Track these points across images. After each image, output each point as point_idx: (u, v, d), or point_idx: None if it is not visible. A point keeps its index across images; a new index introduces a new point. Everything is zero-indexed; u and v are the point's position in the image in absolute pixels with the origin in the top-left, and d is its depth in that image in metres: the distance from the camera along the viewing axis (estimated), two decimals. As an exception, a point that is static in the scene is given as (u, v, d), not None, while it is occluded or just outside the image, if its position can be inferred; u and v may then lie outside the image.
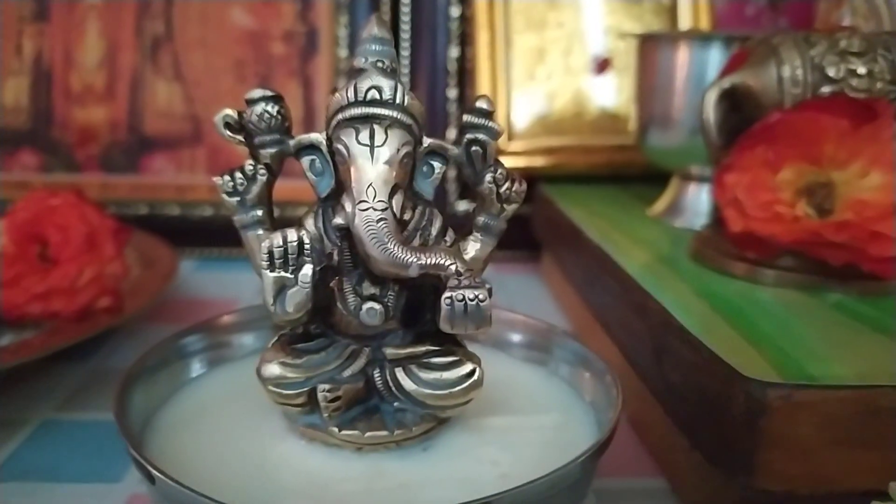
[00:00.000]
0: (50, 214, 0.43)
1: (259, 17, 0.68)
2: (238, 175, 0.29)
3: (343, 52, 0.67)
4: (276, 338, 0.30)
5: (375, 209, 0.27)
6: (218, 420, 0.30)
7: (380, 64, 0.29)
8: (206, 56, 0.67)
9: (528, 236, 0.66)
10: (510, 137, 0.66)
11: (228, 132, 0.30)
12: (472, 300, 0.26)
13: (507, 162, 0.64)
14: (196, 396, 0.32)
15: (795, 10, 0.71)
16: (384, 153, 0.27)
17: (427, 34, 0.68)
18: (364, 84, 0.27)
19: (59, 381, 0.44)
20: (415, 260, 0.27)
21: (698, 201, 0.52)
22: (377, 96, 0.27)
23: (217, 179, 0.29)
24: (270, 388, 0.28)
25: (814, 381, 0.28)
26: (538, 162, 0.66)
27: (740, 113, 0.43)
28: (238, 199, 0.29)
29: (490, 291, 0.27)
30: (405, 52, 0.68)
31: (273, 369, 0.28)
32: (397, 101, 0.28)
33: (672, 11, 0.68)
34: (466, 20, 0.68)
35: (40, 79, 0.67)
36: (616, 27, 0.67)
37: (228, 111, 0.30)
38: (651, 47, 0.52)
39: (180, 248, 0.60)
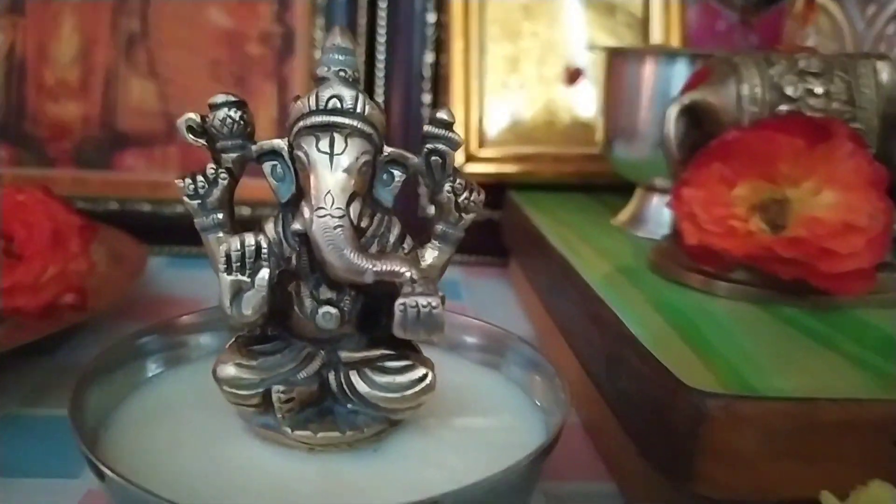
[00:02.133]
0: (16, 210, 0.43)
1: (236, 17, 0.68)
2: (199, 178, 0.30)
3: (319, 55, 0.68)
4: (233, 339, 0.30)
5: (333, 216, 0.27)
6: (174, 420, 0.31)
7: (342, 73, 0.29)
8: (181, 55, 0.68)
9: (497, 242, 0.67)
10: (482, 144, 0.67)
11: (191, 136, 0.30)
12: (424, 307, 0.27)
13: (478, 168, 0.66)
14: (153, 396, 0.33)
15: (765, 27, 0.72)
16: (343, 161, 0.28)
17: (403, 39, 0.69)
18: (325, 93, 0.28)
19: (21, 377, 0.44)
20: (370, 267, 0.27)
21: (661, 213, 0.53)
22: (338, 105, 0.28)
23: (178, 182, 0.30)
24: (226, 388, 0.28)
25: (755, 393, 0.29)
26: (509, 169, 0.67)
27: (700, 129, 0.44)
28: (199, 202, 0.30)
29: (443, 299, 0.27)
30: (381, 57, 0.69)
31: (229, 370, 0.28)
32: (357, 110, 0.28)
33: (644, 25, 0.69)
34: (442, 27, 0.68)
35: (13, 72, 0.67)
36: (589, 39, 0.68)
37: (191, 115, 0.30)
38: (619, 62, 0.54)
39: (151, 246, 0.60)
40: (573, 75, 0.67)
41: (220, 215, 0.30)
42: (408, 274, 0.28)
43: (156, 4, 0.68)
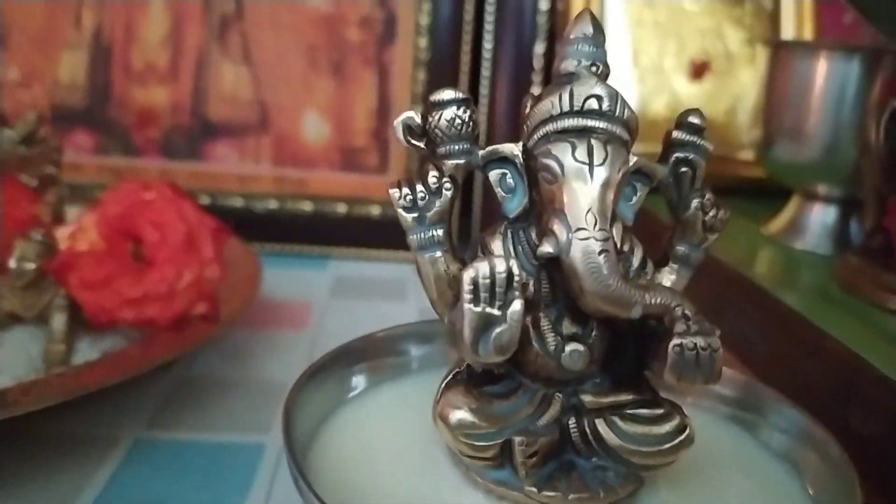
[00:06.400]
0: (144, 209, 0.39)
1: (335, 0, 0.64)
2: (419, 188, 0.25)
3: (423, 42, 0.63)
4: (449, 375, 0.26)
5: (596, 239, 0.23)
6: (384, 452, 0.27)
7: (594, 69, 0.25)
8: (277, 39, 0.63)
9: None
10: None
11: (410, 138, 0.26)
12: (704, 349, 0.23)
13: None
14: (356, 422, 0.29)
15: None
16: (602, 174, 0.24)
17: (512, 27, 0.64)
18: (582, 91, 0.24)
19: (144, 394, 0.40)
20: (639, 299, 0.23)
21: (823, 223, 0.48)
22: (596, 107, 0.24)
23: (394, 192, 0.25)
24: (460, 438, 0.24)
25: None
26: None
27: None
28: (416, 215, 0.25)
29: (721, 338, 0.23)
30: (488, 46, 0.64)
31: (463, 416, 0.24)
32: (617, 113, 0.24)
33: (774, 17, 0.64)
34: (556, 14, 0.63)
35: (99, 54, 0.63)
36: (714, 30, 0.63)
37: (411, 114, 0.26)
38: (785, 56, 0.49)
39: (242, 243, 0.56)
40: (699, 69, 0.62)
41: (441, 232, 0.26)
42: (680, 309, 0.23)
43: (250, -16, 0.63)
